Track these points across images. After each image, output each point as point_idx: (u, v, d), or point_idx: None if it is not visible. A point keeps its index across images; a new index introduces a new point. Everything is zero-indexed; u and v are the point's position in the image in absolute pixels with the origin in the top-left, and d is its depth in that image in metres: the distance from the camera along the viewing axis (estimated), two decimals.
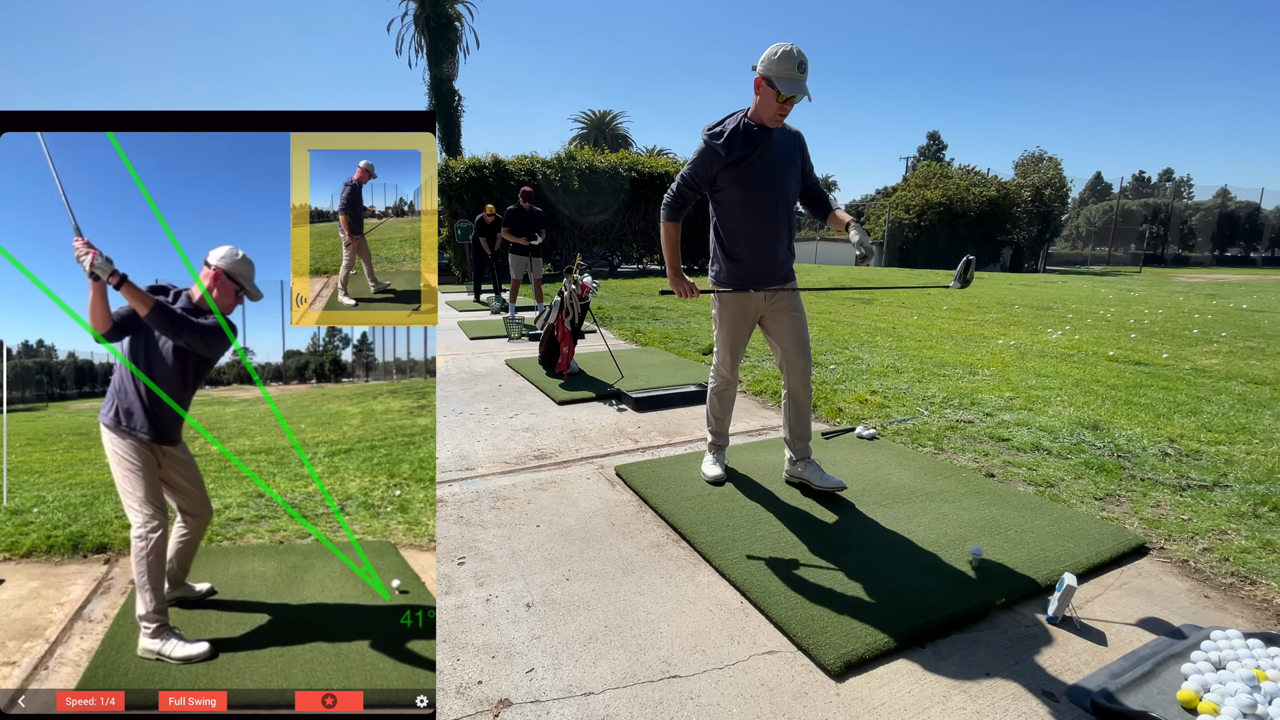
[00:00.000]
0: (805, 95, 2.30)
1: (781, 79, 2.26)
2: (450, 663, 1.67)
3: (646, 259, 17.95)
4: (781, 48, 2.26)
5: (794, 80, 2.27)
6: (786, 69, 2.25)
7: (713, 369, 2.81)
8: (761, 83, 2.32)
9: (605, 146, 28.74)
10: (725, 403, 2.84)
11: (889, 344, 6.18)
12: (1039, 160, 36.04)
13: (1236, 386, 4.61)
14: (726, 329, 2.67)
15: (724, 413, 2.85)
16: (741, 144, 2.40)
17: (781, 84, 2.27)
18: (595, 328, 6.44)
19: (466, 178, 14.66)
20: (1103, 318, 8.77)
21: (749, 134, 2.41)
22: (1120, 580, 2.06)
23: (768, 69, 2.28)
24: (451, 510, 2.59)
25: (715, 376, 2.80)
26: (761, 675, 1.62)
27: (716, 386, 2.81)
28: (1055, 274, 25.08)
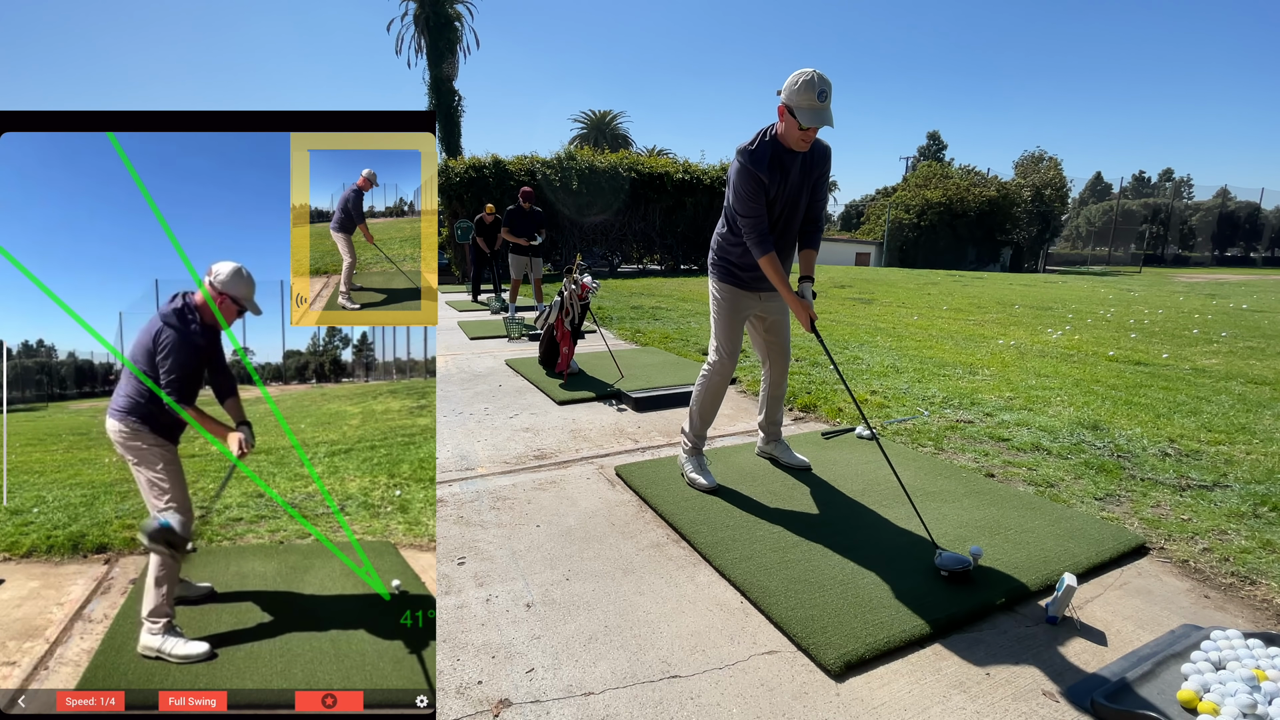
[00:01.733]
0: (828, 124, 2.32)
1: (802, 110, 2.27)
2: (450, 663, 1.67)
3: (646, 259, 17.95)
4: (804, 76, 2.26)
5: (815, 111, 2.27)
6: (807, 99, 2.26)
7: (710, 363, 2.80)
8: (784, 110, 2.33)
9: (605, 146, 28.71)
10: (718, 399, 2.83)
11: (889, 344, 6.18)
12: (1039, 160, 36.07)
13: (1236, 386, 4.61)
14: (727, 320, 2.73)
15: (714, 411, 2.85)
16: (774, 169, 2.44)
17: (802, 115, 2.28)
18: (595, 328, 6.44)
19: (466, 178, 14.66)
20: (1103, 318, 8.77)
21: (779, 160, 2.44)
22: (1120, 580, 2.06)
23: (789, 98, 2.29)
24: (451, 510, 2.59)
25: (714, 368, 2.78)
26: (761, 675, 1.62)
27: (714, 380, 2.79)
28: (1055, 274, 25.07)
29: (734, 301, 2.71)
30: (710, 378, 2.80)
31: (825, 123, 2.29)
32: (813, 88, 2.24)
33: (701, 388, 2.83)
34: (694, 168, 17.25)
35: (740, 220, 2.49)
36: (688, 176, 16.88)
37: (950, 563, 2.02)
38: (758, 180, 2.42)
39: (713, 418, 2.86)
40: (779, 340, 2.83)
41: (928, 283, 14.53)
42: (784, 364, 2.88)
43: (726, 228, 2.66)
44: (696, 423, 2.85)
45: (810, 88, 2.25)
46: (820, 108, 2.27)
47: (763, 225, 2.47)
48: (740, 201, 2.46)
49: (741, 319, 2.76)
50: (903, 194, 32.04)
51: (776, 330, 2.82)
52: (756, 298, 2.72)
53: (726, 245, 2.67)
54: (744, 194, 2.44)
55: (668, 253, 17.44)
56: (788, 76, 2.31)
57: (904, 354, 5.62)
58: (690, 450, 2.85)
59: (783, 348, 2.85)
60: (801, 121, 2.28)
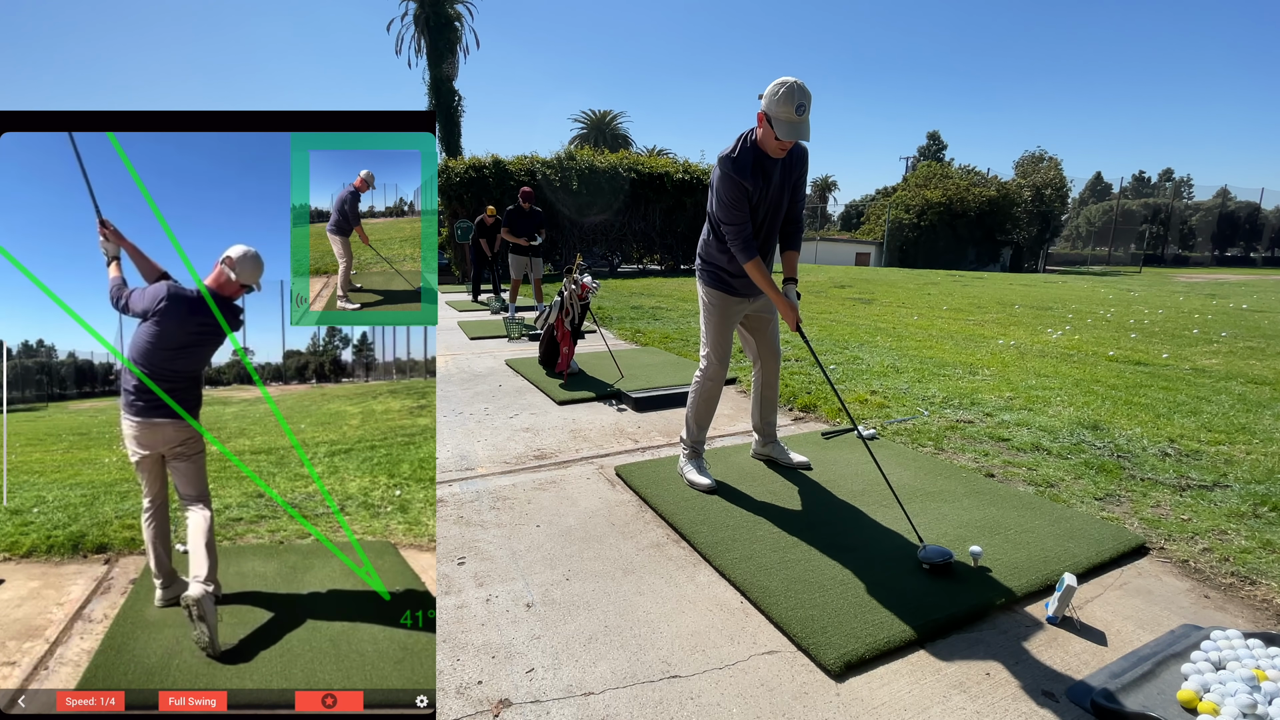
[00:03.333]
0: (803, 139, 2.31)
1: (780, 122, 2.26)
2: (450, 663, 1.67)
3: (646, 259, 17.95)
4: (784, 86, 2.23)
5: (792, 125, 2.26)
6: (785, 111, 2.24)
7: (701, 369, 2.79)
8: (763, 118, 2.32)
9: (605, 146, 28.70)
10: (713, 405, 2.83)
11: (889, 344, 6.18)
12: (1039, 160, 36.07)
13: (1236, 386, 4.61)
14: (717, 325, 2.73)
15: (709, 416, 2.85)
16: (756, 177, 2.44)
17: (779, 127, 2.26)
18: (595, 328, 6.44)
19: (466, 178, 14.65)
20: (1103, 318, 8.78)
21: (761, 165, 2.44)
22: (1120, 580, 2.06)
23: (769, 107, 2.27)
24: (451, 510, 2.59)
25: (706, 374, 2.78)
26: (761, 675, 1.62)
27: (707, 386, 2.79)
28: (1055, 274, 25.07)
29: (724, 307, 2.70)
30: (704, 384, 2.80)
31: (801, 137, 2.29)
32: (792, 100, 2.22)
33: (696, 394, 2.82)
34: (694, 168, 17.25)
35: (724, 228, 2.48)
36: (687, 176, 16.88)
37: (933, 555, 2.03)
38: (741, 188, 2.42)
39: (709, 422, 2.86)
40: (768, 342, 2.86)
41: (928, 283, 14.53)
42: (775, 365, 2.90)
43: (711, 234, 2.66)
44: (694, 429, 2.84)
45: (790, 99, 2.22)
46: (797, 122, 2.25)
47: (747, 231, 2.46)
48: (724, 209, 2.45)
49: (732, 323, 2.75)
50: (903, 194, 32.04)
51: (765, 332, 2.84)
52: (746, 301, 2.72)
53: (714, 251, 2.66)
54: (728, 201, 2.43)
55: (668, 253, 17.44)
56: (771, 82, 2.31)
57: (904, 354, 5.62)
58: (689, 454, 2.85)
59: (772, 349, 2.87)
60: (778, 134, 2.27)
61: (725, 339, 2.75)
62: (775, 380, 2.93)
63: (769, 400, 2.96)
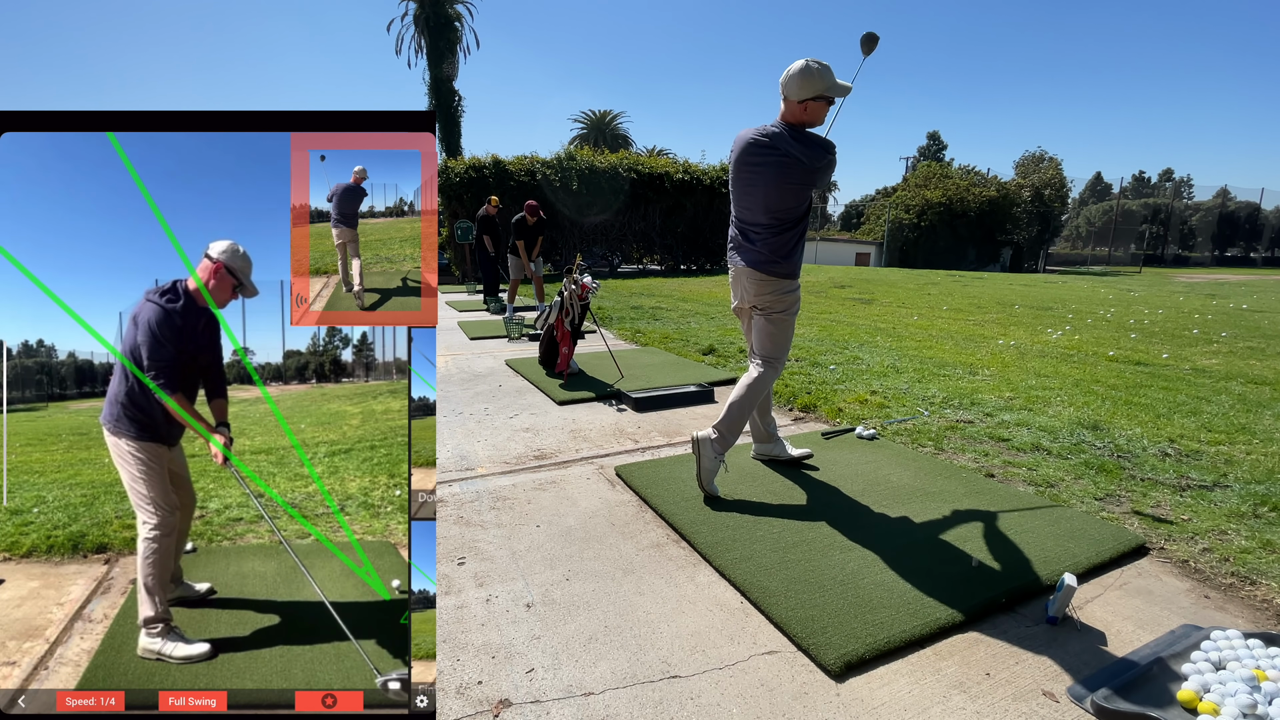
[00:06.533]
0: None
1: (837, 86, 2.43)
2: (450, 663, 1.67)
3: (646, 259, 17.95)
4: (814, 63, 2.39)
5: (842, 83, 2.44)
6: (832, 75, 2.41)
7: (769, 366, 2.68)
8: (814, 104, 2.43)
9: (605, 147, 28.71)
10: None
11: (889, 344, 6.18)
12: (1039, 160, 36.08)
13: (1236, 387, 4.61)
14: (792, 325, 2.74)
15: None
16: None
17: (838, 90, 2.43)
18: (595, 328, 6.44)
19: (466, 178, 14.67)
20: (1103, 318, 8.78)
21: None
22: (1120, 580, 2.06)
23: (824, 86, 2.40)
24: (451, 510, 2.59)
25: (773, 373, 2.70)
26: (761, 675, 1.62)
27: (767, 383, 2.70)
28: (1055, 274, 25.07)
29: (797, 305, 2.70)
30: (764, 385, 2.69)
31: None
32: (828, 67, 2.40)
33: (749, 393, 2.66)
34: (694, 168, 17.25)
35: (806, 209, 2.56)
36: (688, 177, 16.88)
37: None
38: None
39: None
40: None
41: (928, 283, 14.53)
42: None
43: (791, 227, 2.54)
44: (740, 425, 2.67)
45: (828, 67, 2.40)
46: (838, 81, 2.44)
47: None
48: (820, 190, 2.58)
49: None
50: (903, 194, 32.04)
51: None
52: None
53: (794, 245, 2.57)
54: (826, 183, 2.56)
55: (668, 253, 17.44)
56: (792, 79, 2.39)
57: (904, 354, 5.62)
58: (719, 441, 2.63)
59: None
60: (838, 95, 2.44)
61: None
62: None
63: (766, 403, 2.97)
